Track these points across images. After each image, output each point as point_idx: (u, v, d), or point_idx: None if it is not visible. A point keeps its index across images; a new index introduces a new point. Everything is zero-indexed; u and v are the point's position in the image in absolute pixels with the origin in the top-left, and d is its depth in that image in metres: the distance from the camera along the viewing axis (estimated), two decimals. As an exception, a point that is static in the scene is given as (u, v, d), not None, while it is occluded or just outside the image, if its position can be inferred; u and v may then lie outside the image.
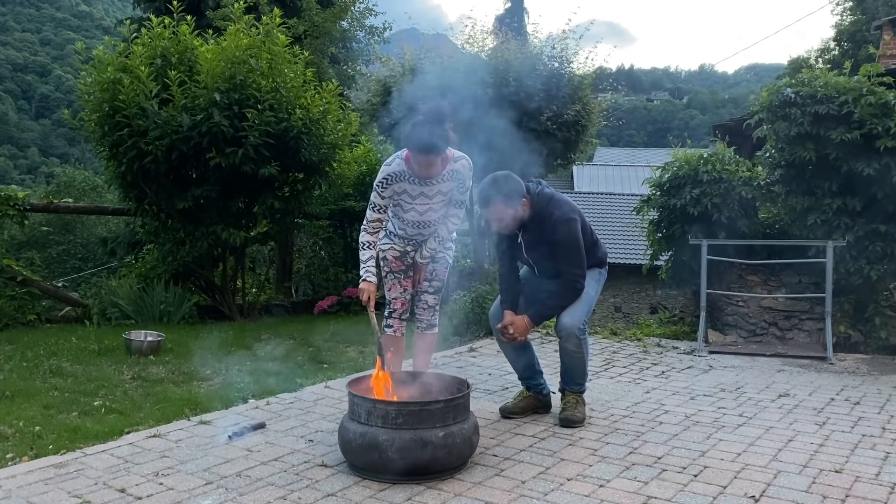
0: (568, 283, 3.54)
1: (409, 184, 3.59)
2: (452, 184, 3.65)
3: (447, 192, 3.67)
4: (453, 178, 3.64)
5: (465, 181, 3.67)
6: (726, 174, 6.33)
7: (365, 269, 3.60)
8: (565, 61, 7.93)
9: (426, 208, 3.68)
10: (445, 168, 3.57)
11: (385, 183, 3.58)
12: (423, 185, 3.59)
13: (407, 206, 3.67)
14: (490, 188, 3.45)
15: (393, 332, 3.96)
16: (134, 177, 7.01)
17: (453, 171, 3.61)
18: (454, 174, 3.62)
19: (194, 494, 2.66)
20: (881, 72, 5.98)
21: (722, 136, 8.40)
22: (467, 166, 3.63)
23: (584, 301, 3.59)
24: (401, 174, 3.57)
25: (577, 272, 3.53)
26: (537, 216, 3.53)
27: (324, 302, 8.11)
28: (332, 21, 12.40)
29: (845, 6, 25.96)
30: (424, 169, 3.48)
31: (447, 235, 3.85)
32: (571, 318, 3.55)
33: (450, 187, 3.66)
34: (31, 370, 4.73)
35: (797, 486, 2.87)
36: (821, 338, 6.01)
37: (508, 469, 2.98)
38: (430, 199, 3.66)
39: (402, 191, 3.62)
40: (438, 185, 3.61)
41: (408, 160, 3.55)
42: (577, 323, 3.54)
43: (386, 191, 3.59)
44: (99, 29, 61.48)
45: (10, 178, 43.00)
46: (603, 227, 19.84)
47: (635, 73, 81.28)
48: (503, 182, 3.44)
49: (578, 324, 3.55)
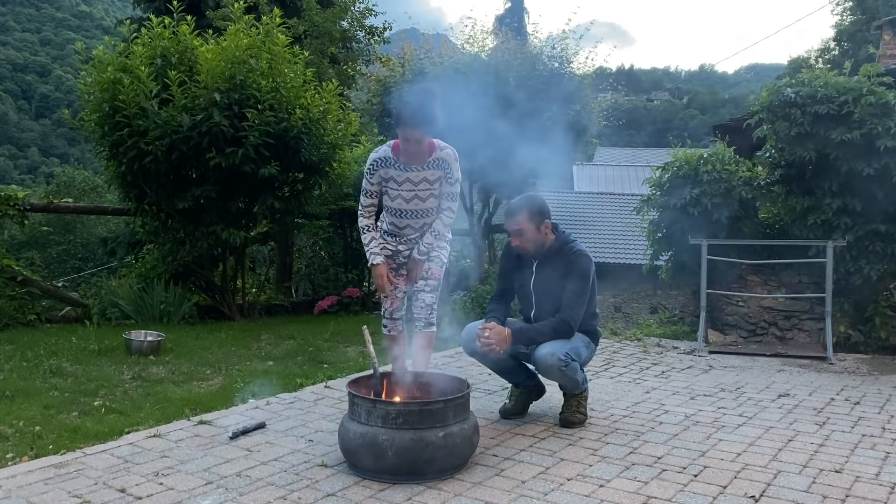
0: (561, 322, 3.46)
1: (394, 170, 3.69)
2: (438, 172, 3.71)
3: (433, 182, 3.72)
4: (439, 167, 3.70)
5: (452, 171, 3.73)
6: (726, 174, 6.33)
7: (371, 253, 3.76)
8: (565, 61, 7.94)
9: (412, 195, 3.72)
10: (431, 155, 3.66)
11: (372, 168, 3.72)
12: (408, 170, 3.67)
13: (393, 192, 3.74)
14: (519, 201, 3.59)
15: (388, 332, 3.97)
16: (134, 177, 7.01)
17: (439, 158, 3.68)
18: (440, 162, 3.69)
19: (194, 494, 2.66)
20: (881, 72, 5.98)
21: (722, 136, 8.39)
22: (452, 155, 3.71)
23: (570, 343, 3.48)
24: (387, 160, 3.68)
25: (572, 315, 3.46)
26: (559, 248, 3.56)
27: (324, 302, 8.11)
28: (332, 21, 12.41)
29: (845, 6, 26.00)
30: (413, 146, 3.57)
31: (443, 230, 3.85)
32: (550, 348, 3.43)
33: (436, 175, 3.71)
34: (31, 370, 4.73)
35: (797, 486, 2.87)
36: (821, 338, 6.01)
37: (508, 469, 2.98)
38: (415, 186, 3.71)
39: (389, 177, 3.71)
40: (424, 171, 3.69)
41: (395, 148, 3.67)
42: (556, 353, 3.40)
43: (373, 176, 3.72)
44: (99, 29, 61.52)
45: (10, 178, 43.04)
46: (603, 227, 19.84)
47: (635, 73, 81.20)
48: (532, 199, 3.60)
49: (559, 354, 3.40)
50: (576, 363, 3.50)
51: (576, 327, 3.52)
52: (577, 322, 3.51)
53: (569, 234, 3.65)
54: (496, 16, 15.69)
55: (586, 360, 3.69)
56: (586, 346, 3.63)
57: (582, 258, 3.52)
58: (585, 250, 3.55)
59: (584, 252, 3.54)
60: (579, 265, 3.50)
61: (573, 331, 3.51)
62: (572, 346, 3.50)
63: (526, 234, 3.52)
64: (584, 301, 3.51)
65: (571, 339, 3.51)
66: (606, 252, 18.25)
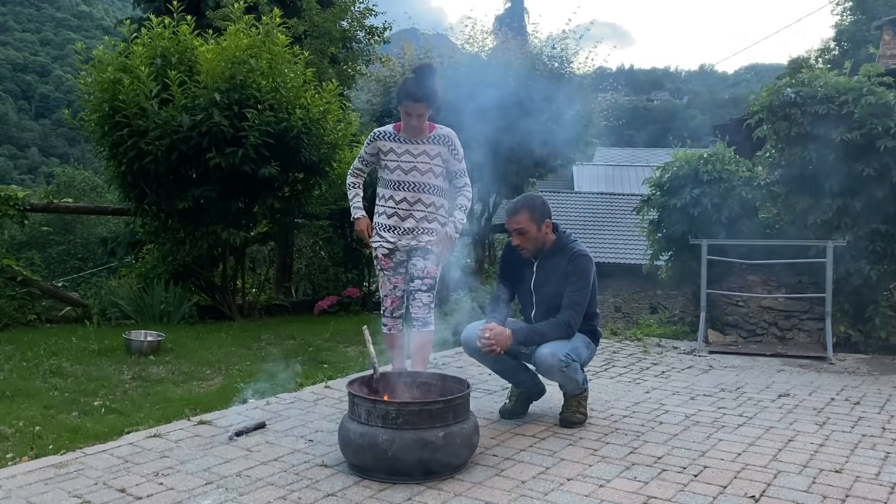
0: (561, 321, 3.46)
1: (394, 143, 3.86)
2: (438, 147, 3.83)
3: (433, 157, 3.82)
4: (440, 142, 3.83)
5: (456, 147, 3.87)
6: (726, 174, 6.33)
7: (355, 207, 4.02)
8: (565, 61, 7.95)
9: (410, 166, 3.81)
10: (432, 132, 3.83)
11: (372, 138, 3.95)
12: (408, 142, 3.82)
13: (392, 164, 3.85)
14: (520, 200, 3.64)
15: (388, 331, 4.01)
16: (134, 177, 7.01)
17: (440, 135, 3.84)
18: (441, 138, 3.83)
19: (194, 494, 2.66)
20: (881, 72, 5.98)
21: (722, 136, 8.39)
22: (453, 133, 3.86)
23: (570, 343, 3.48)
24: (386, 133, 3.89)
25: (573, 315, 3.46)
26: (560, 248, 3.57)
27: (324, 302, 8.11)
28: (332, 21, 12.40)
29: (845, 6, 26.00)
30: (415, 121, 3.72)
31: (467, 203, 3.96)
32: (551, 349, 3.43)
33: (436, 151, 3.82)
34: (31, 370, 4.72)
35: (797, 486, 2.87)
36: (821, 338, 6.01)
37: (508, 469, 2.98)
38: (414, 158, 3.81)
39: (388, 149, 3.86)
40: (424, 145, 3.82)
41: (397, 128, 3.87)
42: (557, 353, 3.41)
43: (370, 146, 3.94)
44: (99, 29, 61.49)
45: (10, 178, 43.03)
46: (603, 227, 19.84)
47: (635, 73, 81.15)
48: (534, 199, 3.64)
49: (560, 355, 3.40)
50: (576, 363, 3.50)
51: (576, 328, 3.52)
52: (578, 322, 3.51)
53: (570, 235, 3.66)
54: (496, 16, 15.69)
55: (586, 361, 3.68)
56: (587, 346, 3.63)
57: (583, 258, 3.52)
58: (586, 251, 3.56)
59: (584, 252, 3.54)
60: (580, 265, 3.50)
61: (573, 331, 3.51)
62: (573, 347, 3.49)
63: (527, 233, 3.53)
64: (584, 302, 3.51)
65: (572, 340, 3.51)
66: (606, 252, 18.25)
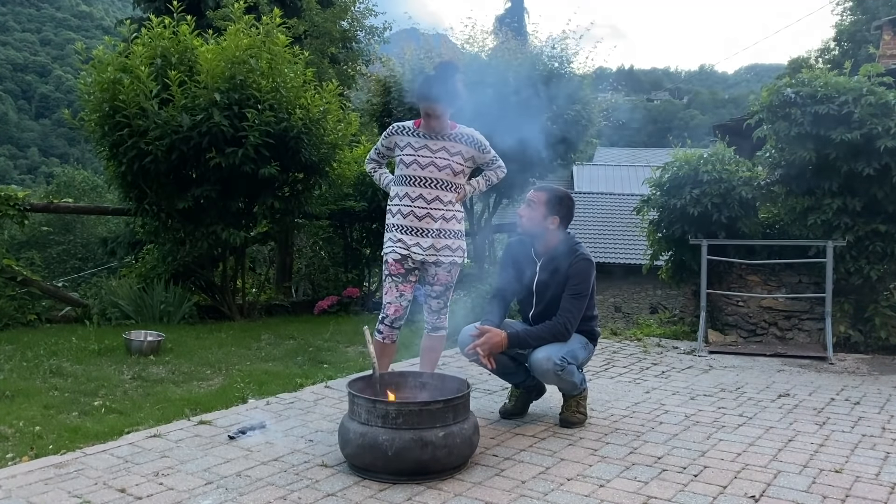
0: (557, 325, 3.47)
1: (412, 137, 3.80)
2: (460, 146, 3.76)
3: (453, 154, 3.74)
4: (462, 141, 3.76)
5: (482, 144, 3.82)
6: (726, 174, 6.33)
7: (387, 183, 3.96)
8: (565, 61, 7.95)
9: (428, 161, 3.73)
10: (454, 129, 3.76)
11: (390, 132, 3.87)
12: (427, 138, 3.75)
13: (409, 158, 3.76)
14: (551, 187, 3.72)
15: (382, 339, 3.84)
16: (134, 177, 7.01)
17: (462, 133, 3.77)
18: (463, 137, 3.77)
19: (194, 494, 2.66)
20: (881, 72, 5.98)
21: (722, 136, 8.40)
22: (477, 133, 3.81)
23: (566, 346, 3.49)
24: (406, 128, 3.81)
25: (570, 319, 3.48)
26: (565, 251, 3.57)
27: (324, 302, 8.11)
28: (332, 21, 12.42)
29: (845, 6, 25.99)
30: (435, 122, 3.67)
31: (493, 179, 3.96)
32: (546, 352, 3.44)
33: (457, 149, 3.75)
34: (31, 370, 4.72)
35: (797, 486, 2.87)
36: (821, 338, 6.01)
37: (508, 469, 2.98)
38: (432, 153, 3.73)
39: (405, 144, 3.78)
40: (444, 141, 3.74)
41: (417, 124, 3.78)
42: (552, 357, 3.41)
43: (388, 139, 3.87)
44: (99, 29, 61.52)
45: (10, 178, 43.05)
46: (603, 227, 19.85)
47: (635, 73, 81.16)
48: (562, 195, 3.65)
49: (555, 358, 3.41)
50: (572, 366, 3.51)
51: (572, 331, 3.54)
52: (574, 326, 3.53)
53: (576, 239, 3.67)
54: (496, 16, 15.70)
55: (584, 361, 3.69)
56: (583, 347, 3.63)
57: (585, 263, 3.54)
58: (590, 256, 3.58)
59: (588, 257, 3.56)
60: (581, 269, 3.52)
61: (570, 335, 3.53)
62: (569, 350, 3.50)
63: (534, 211, 3.57)
64: (582, 305, 3.53)
65: (568, 342, 3.52)
66: (606, 252, 18.28)
